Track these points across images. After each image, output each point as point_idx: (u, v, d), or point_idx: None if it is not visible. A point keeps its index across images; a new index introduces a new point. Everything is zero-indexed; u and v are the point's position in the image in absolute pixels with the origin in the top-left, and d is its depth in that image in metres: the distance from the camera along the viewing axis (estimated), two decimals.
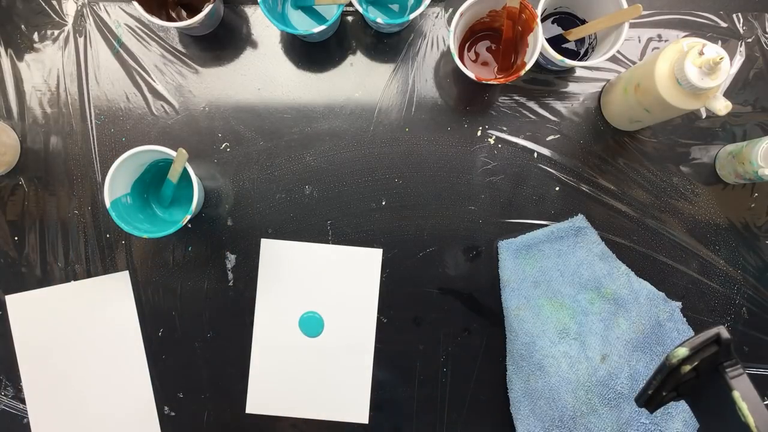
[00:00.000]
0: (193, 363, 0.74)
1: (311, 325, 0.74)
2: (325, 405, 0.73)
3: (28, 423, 0.72)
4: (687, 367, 0.45)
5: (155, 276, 0.74)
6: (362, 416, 0.73)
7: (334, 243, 0.74)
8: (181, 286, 0.75)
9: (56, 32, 0.75)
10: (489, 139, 0.75)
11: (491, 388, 0.73)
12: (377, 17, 0.68)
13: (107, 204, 0.64)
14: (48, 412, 0.71)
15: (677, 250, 0.74)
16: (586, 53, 0.74)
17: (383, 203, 0.74)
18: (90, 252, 0.74)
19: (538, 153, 0.76)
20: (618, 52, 0.74)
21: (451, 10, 0.75)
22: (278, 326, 0.74)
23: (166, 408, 0.75)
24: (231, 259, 0.75)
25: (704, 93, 0.60)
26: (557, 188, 0.75)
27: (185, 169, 0.65)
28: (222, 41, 0.75)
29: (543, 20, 0.73)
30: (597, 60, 0.67)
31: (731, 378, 0.43)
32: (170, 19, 0.74)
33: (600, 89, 0.76)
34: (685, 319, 0.73)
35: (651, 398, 0.47)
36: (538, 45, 0.66)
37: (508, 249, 0.73)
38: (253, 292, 0.75)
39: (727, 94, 0.75)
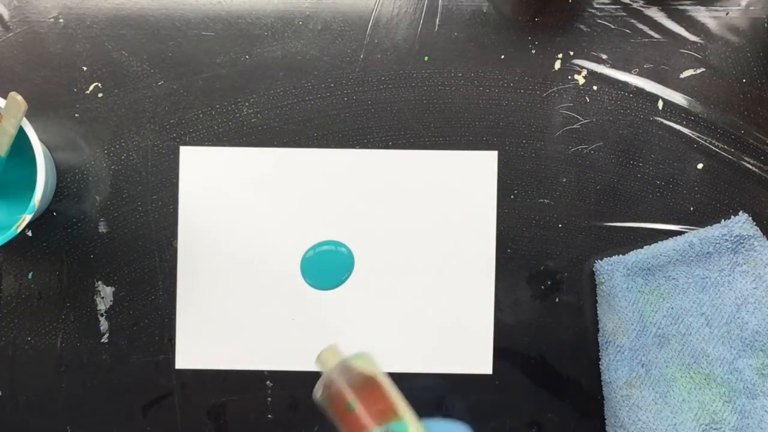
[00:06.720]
0: None
1: (326, 268, 0.60)
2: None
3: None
4: None
5: None
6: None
7: None
8: (15, 346, 0.61)
9: None
10: (576, 76, 0.63)
11: None
12: None
13: None
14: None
15: None
16: None
17: None
18: None
19: (665, 101, 0.63)
20: None
21: None
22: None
23: None
24: (105, 296, 0.61)
25: None
26: (700, 165, 0.63)
27: (22, 132, 0.56)
28: None
29: None
30: None
31: None
32: None
33: None
34: None
35: None
36: None
37: (612, 275, 0.63)
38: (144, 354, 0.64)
39: None
